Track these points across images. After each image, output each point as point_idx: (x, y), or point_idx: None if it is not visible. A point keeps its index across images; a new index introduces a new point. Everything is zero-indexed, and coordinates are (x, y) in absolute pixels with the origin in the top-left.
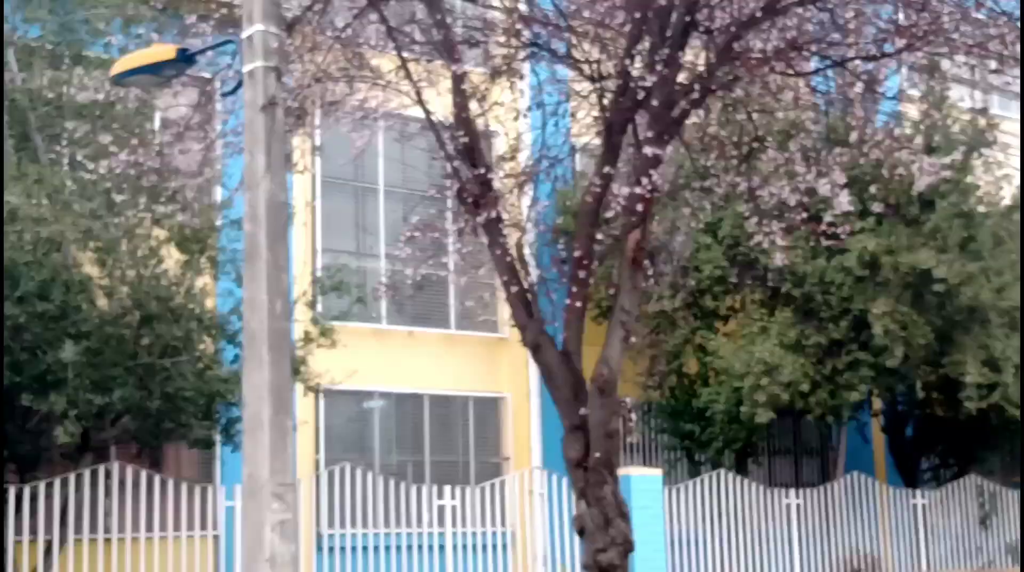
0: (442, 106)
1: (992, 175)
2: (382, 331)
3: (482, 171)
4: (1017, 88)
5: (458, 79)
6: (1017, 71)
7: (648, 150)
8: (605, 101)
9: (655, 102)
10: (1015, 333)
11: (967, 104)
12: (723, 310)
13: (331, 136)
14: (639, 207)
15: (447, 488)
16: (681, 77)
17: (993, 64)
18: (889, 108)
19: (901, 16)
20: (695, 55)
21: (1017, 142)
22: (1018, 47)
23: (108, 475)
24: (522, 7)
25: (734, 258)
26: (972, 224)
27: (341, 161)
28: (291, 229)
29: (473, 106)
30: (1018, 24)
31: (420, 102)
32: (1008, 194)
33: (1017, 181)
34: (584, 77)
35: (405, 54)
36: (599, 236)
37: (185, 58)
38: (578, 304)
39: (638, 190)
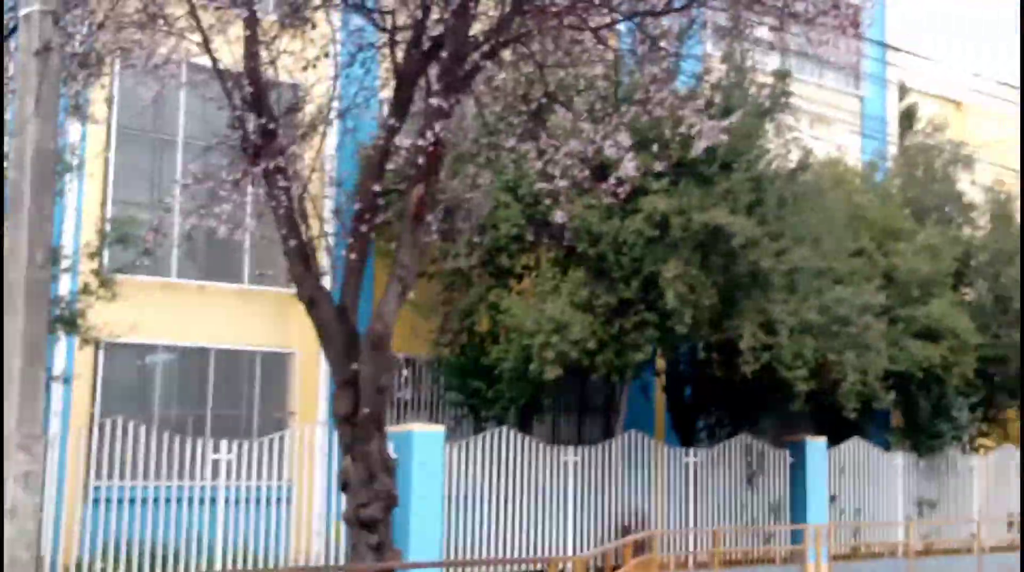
0: (235, 54)
1: (782, 138)
2: (172, 285)
3: (264, 121)
4: (813, 49)
5: (249, 25)
6: (811, 31)
7: (434, 102)
8: (399, 52)
9: (445, 54)
10: (793, 296)
11: (770, 68)
12: (518, 269)
13: (132, 87)
14: (422, 161)
15: (223, 442)
16: (475, 30)
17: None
18: (692, 69)
19: None
20: (490, 7)
21: (806, 104)
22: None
23: None
24: None
25: (532, 217)
26: (761, 187)
27: (138, 112)
28: (83, 180)
29: (265, 54)
30: None
31: (207, 49)
32: (795, 157)
33: (805, 144)
34: (377, 27)
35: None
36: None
37: None
38: (354, 257)
39: (421, 142)
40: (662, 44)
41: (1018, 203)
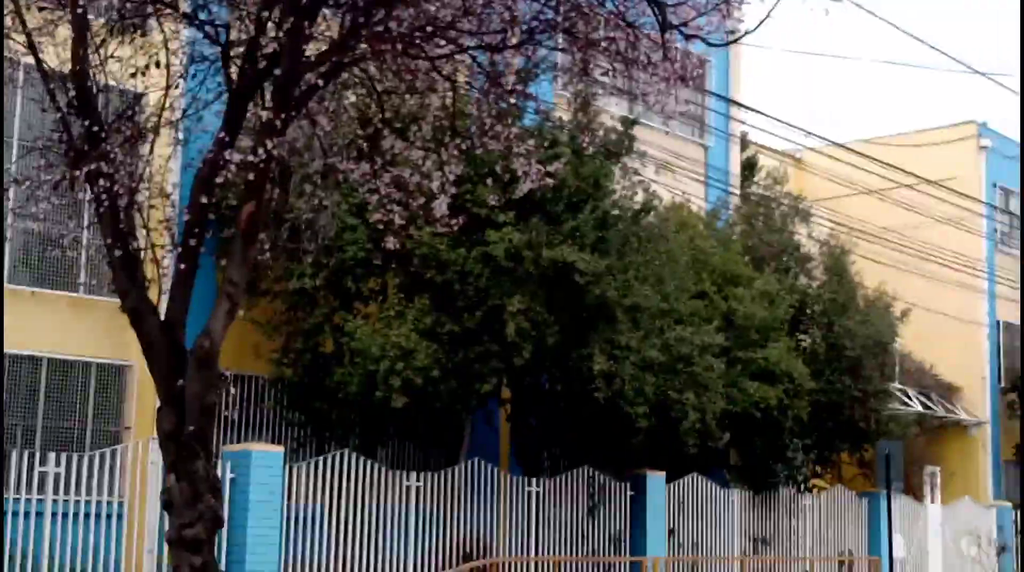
0: (63, 56)
1: (628, 180)
2: (4, 290)
3: (90, 124)
4: (650, 98)
5: (77, 27)
6: (651, 78)
7: (266, 118)
8: (234, 67)
9: (279, 72)
10: (636, 333)
11: (617, 111)
12: (365, 292)
13: None
14: (253, 177)
15: (51, 454)
16: (312, 50)
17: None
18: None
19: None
20: (328, 28)
21: (652, 150)
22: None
23: None
24: None
25: (379, 241)
26: (606, 226)
27: None
28: None
29: (94, 58)
30: (653, 31)
31: (33, 50)
32: (639, 199)
33: (651, 188)
34: (211, 40)
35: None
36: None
37: None
38: (183, 270)
39: (252, 158)
40: (499, 81)
41: (851, 258)
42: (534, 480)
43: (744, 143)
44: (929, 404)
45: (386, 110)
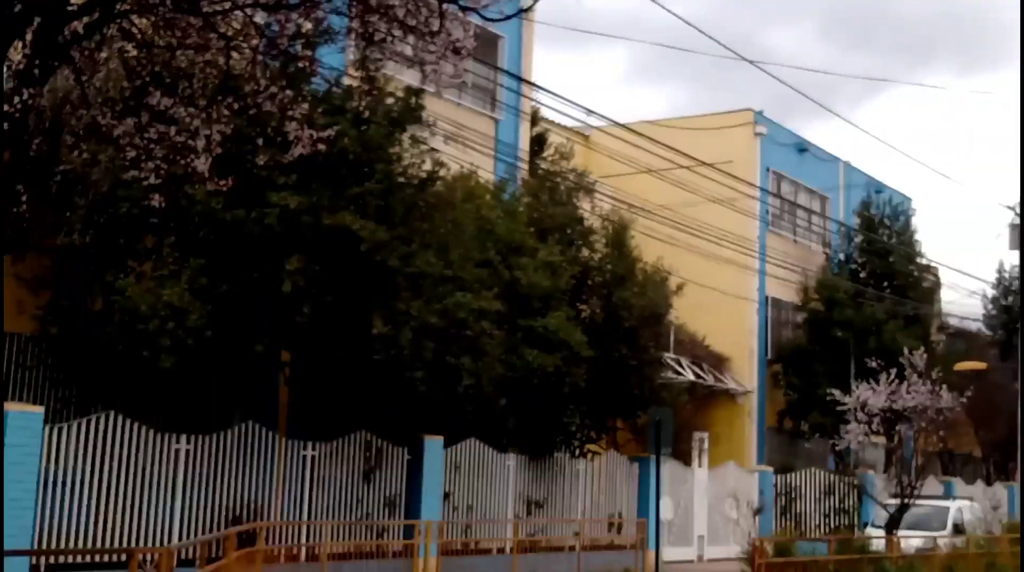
0: None
1: (417, 150)
2: None
3: None
4: (434, 69)
5: None
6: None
7: (24, 65)
8: None
9: (39, 20)
10: (417, 300)
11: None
12: (140, 250)
13: None
14: (7, 127)
15: None
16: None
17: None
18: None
19: None
20: None
21: (443, 122)
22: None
23: None
24: None
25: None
26: (392, 193)
27: None
28: None
29: None
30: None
31: None
32: (426, 168)
33: (439, 157)
34: None
35: None
36: None
37: None
38: None
39: (8, 108)
40: (276, 42)
41: (631, 233)
42: (310, 444)
43: (535, 119)
44: (700, 373)
45: (156, 65)
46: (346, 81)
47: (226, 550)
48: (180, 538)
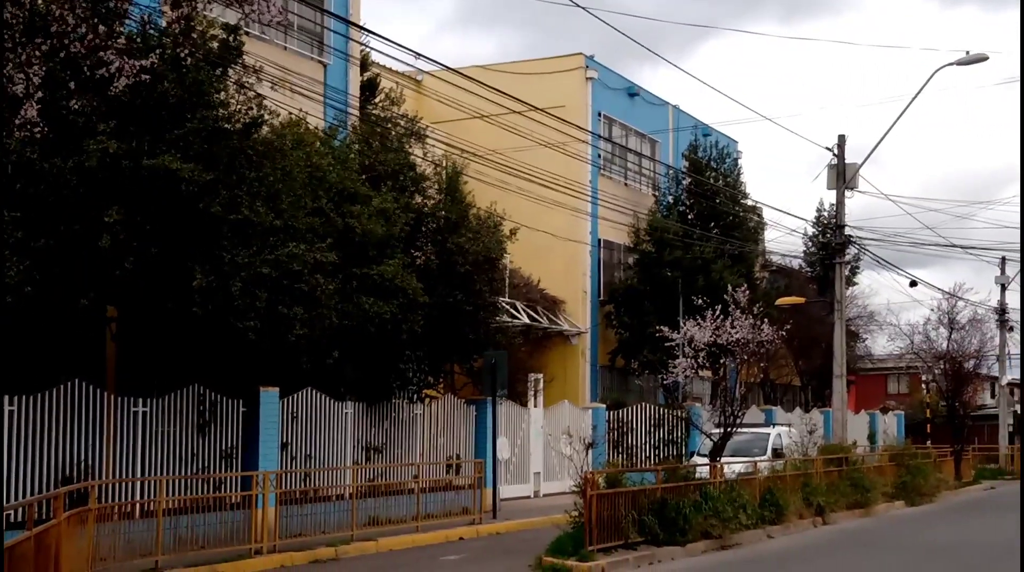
0: None
1: (243, 95)
2: None
3: None
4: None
5: None
6: None
7: None
8: None
9: None
10: (246, 249)
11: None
12: None
13: None
14: None
15: None
16: None
17: None
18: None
19: None
20: None
21: (269, 67)
22: None
23: None
24: None
25: None
26: (215, 138)
27: None
28: None
29: None
30: None
31: None
32: (252, 114)
33: (266, 102)
34: None
35: None
36: None
37: None
38: None
39: None
40: None
41: (464, 178)
42: (141, 400)
43: (365, 64)
44: (535, 316)
45: None
46: (162, 23)
47: (55, 510)
48: (8, 501)
